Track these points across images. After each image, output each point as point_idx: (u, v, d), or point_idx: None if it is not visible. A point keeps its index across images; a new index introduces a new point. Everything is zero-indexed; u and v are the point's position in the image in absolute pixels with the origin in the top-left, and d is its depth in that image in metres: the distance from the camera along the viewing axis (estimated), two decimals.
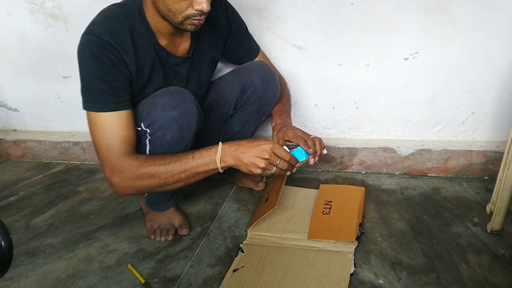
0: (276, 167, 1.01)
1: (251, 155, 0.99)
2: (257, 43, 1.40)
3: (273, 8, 1.46)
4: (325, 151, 1.16)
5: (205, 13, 0.99)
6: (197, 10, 0.97)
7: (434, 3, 1.34)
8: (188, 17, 0.99)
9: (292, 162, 1.04)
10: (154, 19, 1.05)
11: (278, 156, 1.00)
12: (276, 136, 1.20)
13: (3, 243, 0.60)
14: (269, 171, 1.01)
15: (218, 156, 1.00)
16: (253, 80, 1.24)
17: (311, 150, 1.10)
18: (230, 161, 1.01)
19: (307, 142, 1.11)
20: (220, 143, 1.02)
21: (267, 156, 0.98)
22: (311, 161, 1.11)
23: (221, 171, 1.03)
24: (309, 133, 1.17)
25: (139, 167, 1.00)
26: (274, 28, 1.50)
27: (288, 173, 1.08)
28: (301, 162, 1.10)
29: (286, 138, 1.15)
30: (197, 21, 1.01)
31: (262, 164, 0.99)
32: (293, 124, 1.27)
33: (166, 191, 1.08)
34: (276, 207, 1.18)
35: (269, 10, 1.47)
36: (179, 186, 1.04)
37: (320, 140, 1.15)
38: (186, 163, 1.00)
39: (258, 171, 1.00)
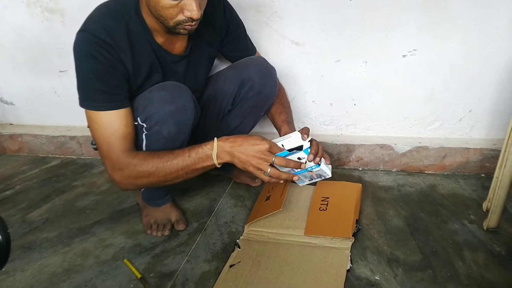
0: (271, 165, 1.02)
1: (246, 154, 1.01)
2: (255, 38, 1.40)
3: (272, 4, 1.45)
4: (328, 171, 1.16)
5: (196, 20, 0.98)
6: (187, 17, 0.97)
7: (433, 0, 1.34)
8: (179, 23, 0.99)
9: (291, 165, 1.05)
10: (149, 18, 1.05)
11: (273, 154, 1.01)
12: None
13: (0, 237, 0.60)
14: (264, 172, 1.02)
15: (214, 152, 1.02)
16: (251, 75, 1.24)
17: (305, 136, 1.08)
18: (226, 158, 1.03)
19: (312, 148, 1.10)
20: (215, 139, 1.03)
21: (261, 156, 1.00)
22: (310, 157, 1.08)
23: (218, 166, 1.04)
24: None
25: (137, 165, 1.01)
26: (272, 24, 1.49)
27: (294, 176, 1.09)
28: (307, 161, 1.10)
29: None
30: (189, 27, 1.01)
31: (255, 162, 1.01)
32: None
33: (168, 185, 1.10)
34: (281, 209, 1.19)
35: (267, 6, 1.46)
36: (180, 181, 1.06)
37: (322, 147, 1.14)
38: (183, 161, 1.02)
39: (251, 169, 1.02)
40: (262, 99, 1.28)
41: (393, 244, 1.12)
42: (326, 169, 1.15)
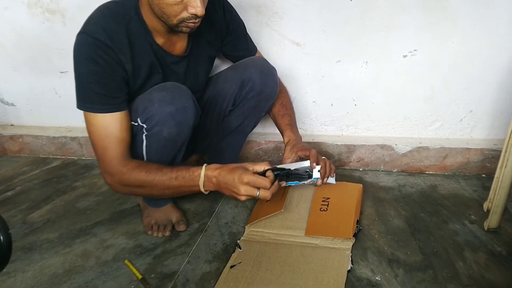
0: (257, 197, 0.99)
1: (228, 188, 1.00)
2: (256, 39, 1.40)
3: (272, 4, 1.45)
4: (333, 181, 1.21)
5: (200, 17, 0.99)
6: (191, 14, 0.97)
7: (433, 0, 1.34)
8: (183, 20, 0.99)
9: (275, 189, 1.02)
10: (150, 19, 1.05)
11: (257, 189, 0.98)
12: (289, 151, 1.23)
13: (2, 238, 0.60)
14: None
15: (201, 181, 1.02)
16: (252, 76, 1.24)
17: (315, 164, 1.12)
18: (211, 188, 1.04)
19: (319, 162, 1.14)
20: (204, 166, 1.03)
21: (242, 192, 0.97)
22: (319, 182, 1.14)
23: (206, 193, 1.06)
24: (308, 131, 1.17)
25: (126, 175, 1.04)
26: (272, 24, 1.49)
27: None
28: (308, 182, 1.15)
29: (300, 154, 1.19)
30: (192, 24, 1.01)
31: (240, 197, 0.99)
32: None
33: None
34: (282, 210, 1.20)
35: (268, 6, 1.46)
36: (167, 197, 1.09)
37: (331, 163, 1.18)
38: (169, 181, 1.03)
39: (238, 199, 1.00)
40: (263, 99, 1.28)
41: (393, 244, 1.12)
42: (330, 181, 1.20)
